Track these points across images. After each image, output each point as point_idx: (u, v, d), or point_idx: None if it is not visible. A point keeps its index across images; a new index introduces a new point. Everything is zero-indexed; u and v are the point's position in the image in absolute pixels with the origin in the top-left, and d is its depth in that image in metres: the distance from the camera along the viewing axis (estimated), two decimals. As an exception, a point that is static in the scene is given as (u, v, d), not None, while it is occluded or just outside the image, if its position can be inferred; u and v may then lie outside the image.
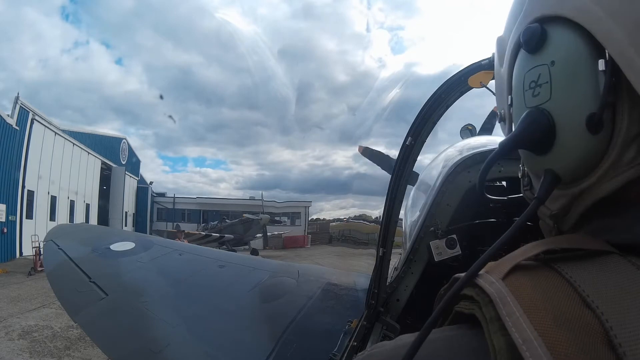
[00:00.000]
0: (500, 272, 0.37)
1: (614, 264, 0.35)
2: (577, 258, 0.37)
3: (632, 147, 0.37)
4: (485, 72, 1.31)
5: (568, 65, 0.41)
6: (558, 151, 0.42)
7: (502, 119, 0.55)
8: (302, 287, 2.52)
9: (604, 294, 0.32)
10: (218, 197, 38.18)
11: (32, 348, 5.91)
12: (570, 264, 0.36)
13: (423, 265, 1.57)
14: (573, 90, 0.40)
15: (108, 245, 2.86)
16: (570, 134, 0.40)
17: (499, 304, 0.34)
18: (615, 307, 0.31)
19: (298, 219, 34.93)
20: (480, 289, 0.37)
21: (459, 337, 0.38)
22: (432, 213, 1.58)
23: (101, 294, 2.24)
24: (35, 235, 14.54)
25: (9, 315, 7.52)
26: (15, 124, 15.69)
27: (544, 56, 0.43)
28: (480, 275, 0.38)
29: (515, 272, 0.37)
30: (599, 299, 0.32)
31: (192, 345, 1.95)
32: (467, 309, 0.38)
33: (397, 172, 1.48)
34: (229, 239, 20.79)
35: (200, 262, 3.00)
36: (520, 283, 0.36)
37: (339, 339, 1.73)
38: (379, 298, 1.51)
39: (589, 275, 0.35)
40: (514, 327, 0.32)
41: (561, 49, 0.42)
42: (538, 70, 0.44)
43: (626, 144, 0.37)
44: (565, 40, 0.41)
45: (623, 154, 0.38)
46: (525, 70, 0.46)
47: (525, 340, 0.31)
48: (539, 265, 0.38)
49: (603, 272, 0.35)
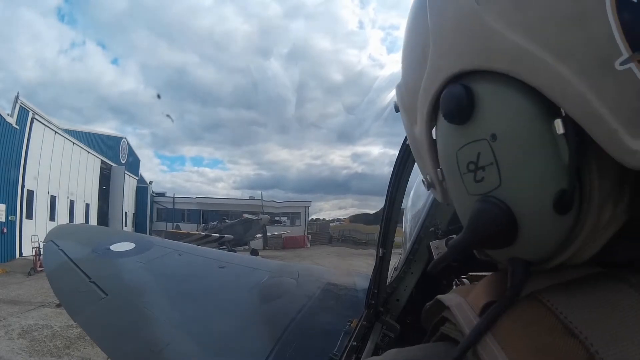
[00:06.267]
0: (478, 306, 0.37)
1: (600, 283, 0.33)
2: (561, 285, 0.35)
3: (606, 210, 0.31)
4: None
5: (515, 137, 0.32)
6: (524, 242, 0.35)
7: (431, 185, 0.47)
8: (302, 287, 2.53)
9: (589, 318, 0.31)
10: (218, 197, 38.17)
11: (31, 347, 5.90)
12: (554, 291, 0.34)
13: (423, 265, 1.57)
14: (529, 168, 0.32)
15: (108, 246, 2.86)
16: (536, 221, 0.33)
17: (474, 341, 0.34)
18: (602, 330, 0.30)
19: (298, 219, 34.91)
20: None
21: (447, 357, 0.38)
22: (432, 213, 1.58)
23: (101, 294, 2.24)
24: (35, 235, 14.53)
25: (9, 314, 7.52)
26: (15, 123, 15.68)
27: (477, 128, 0.35)
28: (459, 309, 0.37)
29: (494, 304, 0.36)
30: (583, 324, 0.31)
31: (192, 345, 1.95)
32: (452, 333, 0.38)
33: (397, 172, 1.48)
34: (228, 239, 20.77)
35: (200, 263, 3.00)
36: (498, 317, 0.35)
37: (339, 338, 1.74)
38: (378, 298, 1.52)
39: (572, 300, 0.33)
40: None
41: (500, 116, 0.33)
42: (475, 148, 0.35)
43: (601, 210, 0.31)
44: (502, 102, 0.33)
45: (599, 221, 0.31)
46: (455, 147, 0.37)
47: None
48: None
49: (588, 293, 0.33)
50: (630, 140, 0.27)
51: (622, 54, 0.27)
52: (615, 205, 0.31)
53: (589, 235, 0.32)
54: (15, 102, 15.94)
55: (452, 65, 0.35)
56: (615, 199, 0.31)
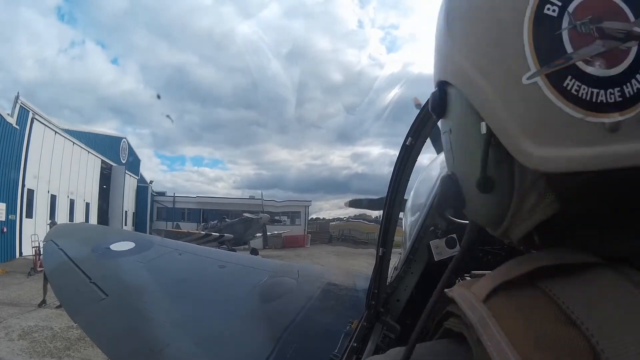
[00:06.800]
0: (482, 294, 0.37)
1: (599, 277, 0.35)
2: (562, 274, 0.36)
3: (529, 198, 0.37)
4: None
5: (460, 132, 0.43)
6: (469, 210, 0.45)
7: None
8: (302, 287, 2.53)
9: (590, 309, 0.32)
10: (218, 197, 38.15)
11: (32, 348, 5.91)
12: (556, 281, 0.35)
13: (423, 265, 1.57)
14: (465, 156, 0.42)
15: (108, 245, 2.86)
16: (469, 194, 0.43)
17: (479, 329, 0.34)
18: (602, 322, 0.31)
19: (298, 218, 34.93)
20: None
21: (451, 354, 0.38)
22: (432, 213, 1.58)
23: (101, 295, 2.24)
24: (35, 234, 14.53)
25: (9, 315, 7.52)
26: (15, 123, 15.68)
27: (446, 123, 0.46)
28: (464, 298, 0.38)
29: (498, 292, 0.37)
30: (585, 315, 0.32)
31: (192, 345, 1.95)
32: (456, 327, 0.38)
33: (397, 172, 1.48)
34: (228, 238, 20.78)
35: (200, 262, 3.00)
36: (502, 305, 0.36)
37: (339, 339, 1.73)
38: (379, 298, 1.51)
39: (575, 292, 0.34)
40: (495, 351, 0.32)
41: (454, 116, 0.43)
42: (445, 137, 0.47)
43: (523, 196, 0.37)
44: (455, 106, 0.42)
45: (521, 205, 0.38)
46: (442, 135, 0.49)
47: None
48: (523, 284, 0.37)
49: (588, 285, 0.34)
50: (531, 146, 0.33)
51: (530, 68, 0.32)
52: (541, 197, 0.36)
53: (515, 215, 0.39)
54: (15, 102, 15.94)
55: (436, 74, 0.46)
56: (540, 191, 0.36)
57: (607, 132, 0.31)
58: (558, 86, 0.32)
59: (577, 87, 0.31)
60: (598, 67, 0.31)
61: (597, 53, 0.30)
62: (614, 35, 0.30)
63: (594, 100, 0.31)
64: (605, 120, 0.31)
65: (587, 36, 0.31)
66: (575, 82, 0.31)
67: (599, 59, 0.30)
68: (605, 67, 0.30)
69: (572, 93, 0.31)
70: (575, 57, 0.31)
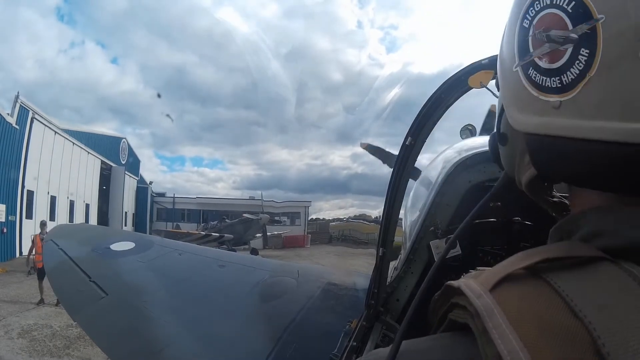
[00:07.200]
0: (489, 283, 0.38)
1: (603, 271, 0.36)
2: (567, 267, 0.38)
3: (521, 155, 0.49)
4: (485, 71, 1.31)
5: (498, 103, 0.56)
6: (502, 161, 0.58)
7: None
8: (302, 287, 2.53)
9: (593, 303, 0.33)
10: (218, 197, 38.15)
11: (31, 347, 5.91)
12: (560, 273, 0.37)
13: (423, 265, 1.57)
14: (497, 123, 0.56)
15: (108, 245, 2.86)
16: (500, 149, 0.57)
17: (485, 317, 0.35)
18: (604, 316, 0.32)
19: (298, 218, 34.93)
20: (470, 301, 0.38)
21: (455, 344, 0.39)
22: (432, 213, 1.58)
23: (101, 294, 2.24)
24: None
25: (9, 314, 7.53)
26: (15, 123, 15.68)
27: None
28: (469, 287, 0.39)
29: (504, 283, 0.38)
30: (587, 308, 0.33)
31: (192, 345, 1.95)
32: (461, 318, 0.39)
33: (397, 172, 1.48)
34: (228, 238, 20.78)
35: (200, 262, 3.00)
36: (508, 294, 0.37)
37: (339, 339, 1.73)
38: (378, 298, 1.51)
39: (578, 285, 0.35)
40: (500, 339, 0.33)
41: None
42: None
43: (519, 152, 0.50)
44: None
45: (522, 159, 0.49)
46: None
47: (510, 351, 0.32)
48: (528, 275, 0.39)
49: (592, 279, 0.36)
50: (515, 113, 0.47)
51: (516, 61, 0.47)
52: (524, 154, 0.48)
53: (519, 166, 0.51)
54: (15, 102, 15.95)
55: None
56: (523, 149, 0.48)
57: (552, 108, 0.42)
58: (526, 73, 0.45)
59: (535, 75, 0.43)
60: (545, 62, 0.42)
61: (545, 52, 0.42)
62: (556, 40, 0.41)
63: (544, 85, 0.42)
64: (551, 99, 0.42)
65: (541, 41, 0.42)
66: (534, 72, 0.44)
67: (546, 56, 0.42)
68: (549, 62, 0.42)
69: (533, 79, 0.44)
70: (533, 55, 0.43)
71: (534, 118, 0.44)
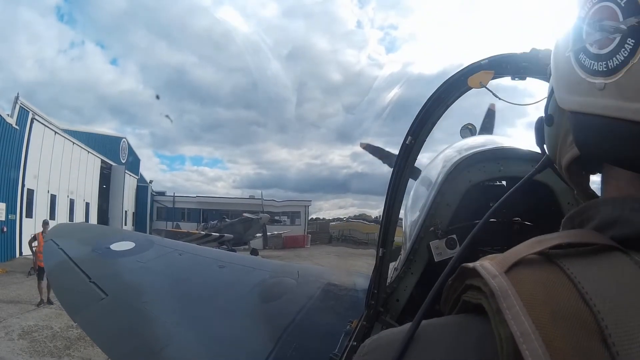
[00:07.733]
0: (504, 265, 0.39)
1: (615, 261, 0.37)
2: (580, 254, 0.39)
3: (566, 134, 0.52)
4: (485, 72, 1.31)
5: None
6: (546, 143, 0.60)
7: None
8: (302, 288, 2.53)
9: (602, 291, 0.34)
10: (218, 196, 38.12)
11: (32, 348, 5.92)
12: (573, 260, 0.39)
13: (423, 265, 1.57)
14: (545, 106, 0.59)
15: (108, 245, 2.86)
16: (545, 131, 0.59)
17: (499, 297, 0.36)
18: (611, 305, 0.33)
19: (298, 218, 34.93)
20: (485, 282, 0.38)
21: (469, 322, 0.41)
22: (432, 213, 1.58)
23: (101, 294, 2.24)
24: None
25: (9, 315, 7.53)
26: (15, 124, 15.67)
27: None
28: (485, 268, 0.40)
29: (518, 266, 0.39)
30: (597, 296, 0.34)
31: (192, 345, 1.95)
32: (475, 299, 0.40)
33: (396, 172, 1.48)
34: (228, 238, 20.78)
35: (200, 262, 3.00)
36: (522, 277, 0.38)
37: (339, 339, 1.73)
38: (378, 298, 1.51)
39: (589, 272, 0.37)
40: (513, 319, 0.34)
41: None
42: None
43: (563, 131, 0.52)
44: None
45: (565, 139, 0.52)
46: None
47: (523, 332, 0.33)
48: (542, 260, 0.40)
49: (604, 269, 0.37)
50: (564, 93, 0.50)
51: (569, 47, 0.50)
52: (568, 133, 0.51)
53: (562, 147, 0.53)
54: (15, 102, 15.93)
55: None
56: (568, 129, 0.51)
57: (597, 90, 0.45)
58: (577, 57, 0.48)
59: (584, 59, 0.47)
60: (595, 48, 0.46)
61: (596, 39, 0.45)
62: (607, 29, 0.44)
63: (591, 68, 0.46)
64: (596, 81, 0.45)
65: (594, 29, 0.46)
66: (584, 56, 0.47)
67: (596, 43, 0.45)
68: (599, 48, 0.45)
69: (582, 62, 0.47)
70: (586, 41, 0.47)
71: (580, 98, 0.47)
